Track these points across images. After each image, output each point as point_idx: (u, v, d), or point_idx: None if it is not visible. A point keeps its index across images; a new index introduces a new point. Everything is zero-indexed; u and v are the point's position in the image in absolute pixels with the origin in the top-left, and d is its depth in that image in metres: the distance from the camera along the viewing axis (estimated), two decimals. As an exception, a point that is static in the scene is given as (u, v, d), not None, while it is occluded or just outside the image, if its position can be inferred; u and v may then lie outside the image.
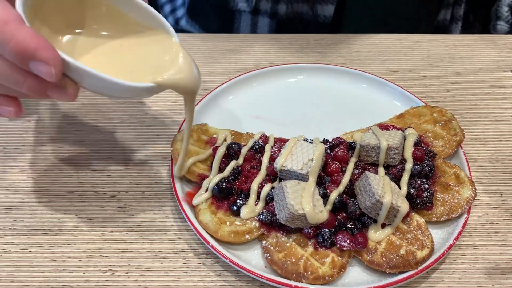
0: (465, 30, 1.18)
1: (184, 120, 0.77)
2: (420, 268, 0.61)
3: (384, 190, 0.62)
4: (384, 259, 0.61)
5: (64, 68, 0.49)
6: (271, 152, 0.70)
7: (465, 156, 0.74)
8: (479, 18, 1.21)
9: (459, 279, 0.64)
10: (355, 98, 0.86)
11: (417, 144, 0.71)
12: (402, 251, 0.62)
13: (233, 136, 0.75)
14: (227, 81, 0.86)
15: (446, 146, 0.74)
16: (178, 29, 1.19)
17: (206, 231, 0.64)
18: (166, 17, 1.21)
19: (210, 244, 0.63)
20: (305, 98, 0.86)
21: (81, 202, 0.71)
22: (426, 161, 0.69)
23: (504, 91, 0.92)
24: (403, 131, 0.73)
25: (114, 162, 0.76)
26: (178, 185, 0.69)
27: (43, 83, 0.49)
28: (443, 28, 1.15)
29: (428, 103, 0.83)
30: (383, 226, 0.64)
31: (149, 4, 1.21)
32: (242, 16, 1.09)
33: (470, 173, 0.72)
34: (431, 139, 0.75)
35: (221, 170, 0.69)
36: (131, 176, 0.74)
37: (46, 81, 0.48)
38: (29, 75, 0.48)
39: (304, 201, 0.61)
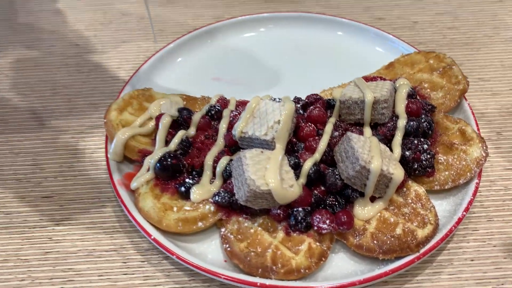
0: None
1: (124, 87, 0.62)
2: (422, 250, 0.48)
3: (371, 154, 0.48)
4: (375, 242, 0.48)
5: None
6: (230, 118, 0.56)
7: (471, 109, 0.61)
8: None
9: (472, 260, 0.51)
10: (333, 50, 0.73)
11: (411, 96, 0.57)
12: (399, 231, 0.48)
13: (185, 102, 0.60)
14: (177, 39, 0.71)
15: (447, 98, 0.60)
16: None
17: (148, 221, 0.50)
18: None
19: (152, 237, 0.49)
20: (273, 54, 0.72)
21: (-3, 195, 0.57)
22: (423, 116, 0.55)
23: (507, 33, 0.77)
24: (394, 82, 0.59)
25: (41, 142, 0.62)
26: (113, 166, 0.55)
27: None
28: None
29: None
30: (373, 200, 0.51)
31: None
32: None
33: (478, 129, 0.58)
34: (428, 90, 0.61)
35: (168, 144, 0.55)
36: (61, 158, 0.60)
37: None
38: None
39: (269, 174, 0.47)
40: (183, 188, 0.52)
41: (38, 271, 0.51)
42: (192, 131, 0.56)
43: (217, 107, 0.58)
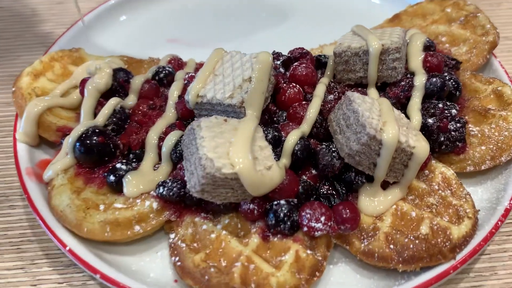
0: None
1: (48, 49, 0.47)
2: (460, 257, 0.33)
3: (383, 119, 0.33)
4: (392, 246, 0.33)
5: None
6: (184, 81, 0.41)
7: (503, 68, 0.46)
8: None
9: (523, 267, 0.36)
10: (322, 4, 0.58)
11: (428, 48, 0.42)
12: (425, 229, 0.34)
13: (127, 66, 0.45)
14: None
15: (474, 53, 0.46)
16: None
17: (64, 225, 0.34)
18: None
19: (67, 248, 0.33)
20: (248, 9, 0.57)
21: None
22: (446, 73, 0.41)
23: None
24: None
25: None
26: (23, 150, 0.39)
27: None
28: None
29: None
30: (385, 186, 0.36)
31: None
32: None
33: (515, 90, 0.44)
34: (447, 45, 0.47)
35: (96, 117, 0.39)
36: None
37: None
38: None
39: (236, 151, 0.32)
40: (113, 177, 0.36)
41: None
42: (131, 100, 0.41)
43: (167, 68, 0.43)
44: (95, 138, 0.37)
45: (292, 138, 0.36)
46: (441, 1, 0.52)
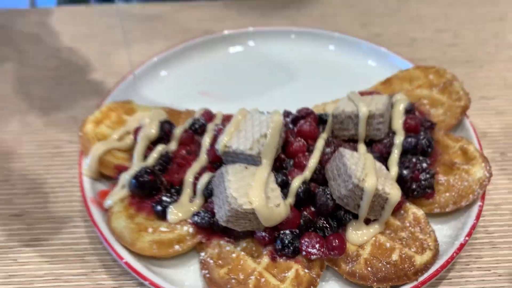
0: None
1: (103, 100, 0.59)
2: (421, 279, 0.43)
3: (365, 172, 0.44)
4: (370, 269, 0.43)
5: None
6: (214, 132, 0.52)
7: (473, 127, 0.57)
8: None
9: (476, 291, 0.46)
10: (325, 65, 0.71)
11: (409, 111, 0.53)
12: (395, 257, 0.44)
13: (168, 116, 0.57)
14: (164, 52, 0.68)
15: (448, 115, 0.56)
16: None
17: (121, 243, 0.46)
18: None
19: (124, 261, 0.44)
20: (263, 68, 0.70)
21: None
22: (422, 133, 0.52)
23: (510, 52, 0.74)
24: (391, 98, 0.55)
25: (12, 159, 0.58)
26: (87, 182, 0.51)
27: None
28: None
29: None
30: (367, 222, 0.46)
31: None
32: None
33: (480, 148, 0.54)
34: (428, 107, 0.58)
35: (146, 159, 0.51)
36: (34, 174, 0.56)
37: None
38: None
39: (253, 192, 0.43)
40: (159, 207, 0.47)
41: (-2, 297, 0.46)
42: (173, 146, 0.52)
43: (201, 120, 0.55)
44: (146, 176, 0.48)
45: (296, 182, 0.47)
46: (425, 68, 0.63)
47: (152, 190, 0.49)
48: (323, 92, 0.61)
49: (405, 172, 0.48)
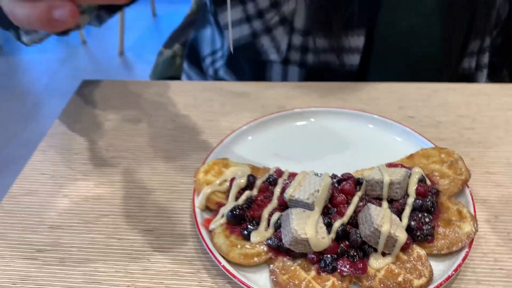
0: (491, 78, 1.20)
1: (208, 156, 0.86)
2: (417, 296, 0.64)
3: (383, 220, 0.67)
4: (381, 285, 0.65)
5: None
6: (283, 184, 0.77)
7: (471, 195, 0.78)
8: (507, 65, 1.24)
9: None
10: (367, 140, 0.93)
11: (421, 181, 0.76)
12: (400, 279, 0.66)
13: (251, 170, 0.82)
14: (250, 122, 0.94)
15: (452, 185, 0.78)
16: (217, 78, 1.31)
17: (219, 253, 0.71)
18: (207, 68, 1.34)
19: (222, 264, 0.69)
20: (319, 139, 0.93)
21: (113, 224, 0.80)
22: (429, 197, 0.74)
23: (519, 136, 0.95)
24: (411, 170, 0.78)
25: (146, 191, 0.85)
26: (198, 212, 0.77)
27: None
28: (469, 76, 1.17)
29: (442, 146, 0.87)
30: (384, 255, 0.68)
31: (193, 56, 1.36)
32: (274, 66, 1.19)
33: (474, 210, 0.75)
34: (438, 178, 0.79)
35: (237, 199, 0.76)
36: (160, 203, 0.83)
37: None
38: None
39: (308, 227, 0.66)
40: (246, 232, 0.72)
41: (139, 282, 0.72)
42: (255, 192, 0.77)
43: (274, 175, 0.79)
44: (238, 211, 0.73)
45: (337, 224, 0.70)
46: (440, 149, 0.84)
47: (241, 220, 0.73)
48: (362, 161, 0.83)
49: (412, 223, 0.70)
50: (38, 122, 3.42)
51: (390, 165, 0.81)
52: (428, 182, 0.78)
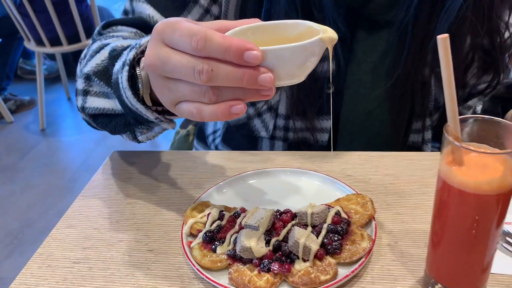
0: (439, 148, 1.53)
1: (195, 201, 1.22)
2: (323, 286, 0.97)
3: (302, 236, 1.01)
4: (300, 279, 0.98)
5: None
6: (243, 217, 1.13)
7: (375, 226, 1.11)
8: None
9: (357, 303, 0.97)
10: (312, 189, 1.27)
11: (337, 214, 1.10)
12: (312, 275, 0.98)
13: (225, 209, 1.18)
14: (226, 179, 1.32)
15: (360, 218, 1.11)
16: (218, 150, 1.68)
17: (195, 261, 1.05)
18: (209, 144, 1.74)
19: (196, 268, 1.03)
20: (279, 189, 1.28)
21: (128, 249, 1.16)
22: (341, 224, 1.08)
23: (426, 189, 1.28)
24: (333, 207, 1.13)
25: (150, 223, 1.22)
26: (184, 236, 1.12)
27: (254, 71, 0.62)
28: (416, 148, 1.48)
29: (365, 194, 1.21)
30: (304, 261, 1.01)
31: (200, 134, 1.79)
32: (263, 141, 1.55)
33: (375, 235, 1.07)
34: (352, 213, 1.13)
35: (211, 227, 1.12)
36: (162, 230, 1.19)
37: (255, 69, 0.62)
38: (243, 67, 0.62)
39: (251, 240, 1.01)
40: (213, 247, 1.05)
41: (141, 281, 1.06)
42: (224, 222, 1.13)
43: (239, 211, 1.14)
44: (210, 234, 1.08)
45: (273, 240, 1.04)
46: (357, 194, 1.16)
47: (211, 240, 1.08)
48: (306, 203, 1.19)
49: (325, 240, 1.02)
50: (72, 194, 3.86)
51: (322, 204, 1.16)
52: (344, 216, 1.12)
